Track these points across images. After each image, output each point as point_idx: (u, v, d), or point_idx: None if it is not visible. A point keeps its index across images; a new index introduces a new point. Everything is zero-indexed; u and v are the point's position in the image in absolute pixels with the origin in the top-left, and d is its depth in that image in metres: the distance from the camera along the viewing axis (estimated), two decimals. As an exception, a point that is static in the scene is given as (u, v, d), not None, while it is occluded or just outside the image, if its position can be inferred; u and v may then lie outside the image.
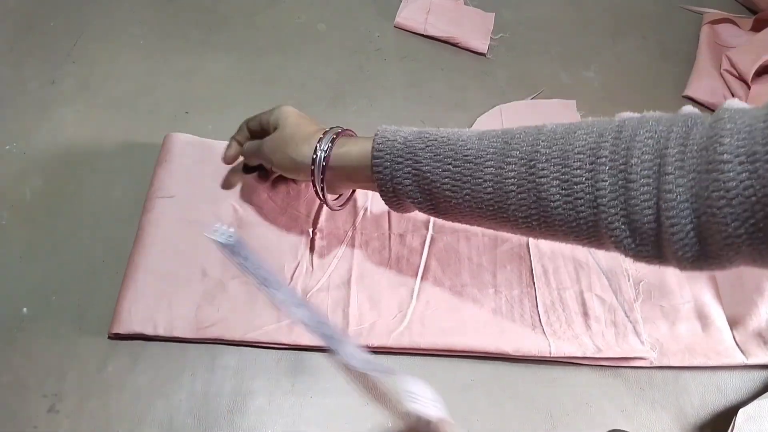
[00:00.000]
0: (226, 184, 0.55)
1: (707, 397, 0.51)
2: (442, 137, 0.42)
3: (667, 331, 0.53)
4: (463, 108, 0.66)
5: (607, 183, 0.34)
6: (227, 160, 0.53)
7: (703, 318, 0.55)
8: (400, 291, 0.52)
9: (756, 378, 0.52)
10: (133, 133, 0.58)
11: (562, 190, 0.36)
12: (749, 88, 0.72)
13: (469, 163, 0.40)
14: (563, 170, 0.36)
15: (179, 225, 0.51)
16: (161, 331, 0.46)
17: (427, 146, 0.41)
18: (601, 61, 0.75)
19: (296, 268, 0.51)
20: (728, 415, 0.50)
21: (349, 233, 0.54)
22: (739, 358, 0.52)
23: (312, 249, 0.53)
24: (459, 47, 0.73)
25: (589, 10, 0.81)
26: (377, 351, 0.49)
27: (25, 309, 0.47)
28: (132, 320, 0.46)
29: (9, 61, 0.61)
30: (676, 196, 0.32)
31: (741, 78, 0.73)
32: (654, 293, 0.56)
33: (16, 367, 0.45)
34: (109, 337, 0.46)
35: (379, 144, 0.43)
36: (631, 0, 0.83)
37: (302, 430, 0.45)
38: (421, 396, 0.43)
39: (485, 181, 0.39)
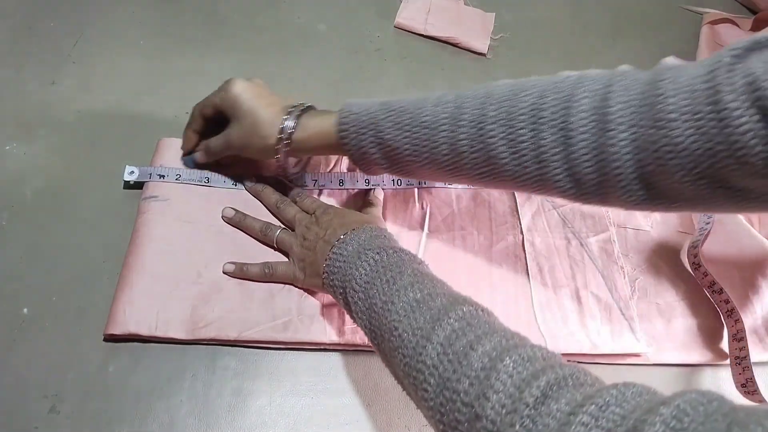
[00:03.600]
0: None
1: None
2: (401, 107, 0.45)
3: (662, 329, 0.54)
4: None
5: (549, 140, 0.38)
6: (187, 153, 0.54)
7: (698, 315, 0.55)
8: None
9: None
10: (133, 133, 0.58)
11: (509, 148, 0.40)
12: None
13: (426, 128, 0.43)
14: (509, 130, 0.39)
15: (173, 226, 0.51)
16: (156, 332, 0.46)
17: (388, 116, 0.45)
18: (601, 61, 0.75)
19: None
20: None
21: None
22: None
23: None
24: (459, 47, 0.73)
25: (589, 10, 0.81)
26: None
27: (25, 309, 0.47)
28: (127, 321, 0.46)
29: (9, 62, 0.61)
30: (620, 149, 0.36)
31: (741, 78, 0.73)
32: (650, 291, 0.56)
33: (16, 367, 0.45)
34: (105, 339, 0.46)
35: (344, 118, 0.46)
36: (631, 0, 0.83)
37: (303, 430, 0.45)
38: None
39: (441, 144, 0.43)
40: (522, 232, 0.57)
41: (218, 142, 0.51)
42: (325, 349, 0.49)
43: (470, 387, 0.31)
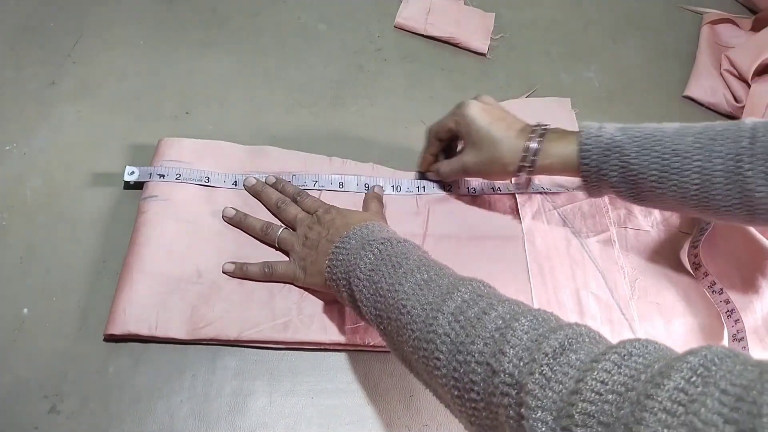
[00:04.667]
0: None
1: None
2: (646, 133, 0.46)
3: (662, 329, 0.54)
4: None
5: None
6: (422, 174, 0.58)
7: (698, 315, 0.55)
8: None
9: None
10: (133, 133, 0.58)
11: (767, 182, 0.41)
12: (749, 87, 0.72)
13: (678, 156, 0.44)
14: (766, 164, 0.41)
15: (173, 226, 0.51)
16: (156, 332, 0.46)
17: (633, 141, 0.46)
18: (601, 61, 0.75)
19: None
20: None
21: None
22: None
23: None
24: (459, 47, 0.72)
25: (589, 10, 0.81)
26: (375, 350, 0.49)
27: (25, 310, 0.47)
28: (127, 321, 0.46)
29: (9, 62, 0.61)
30: None
31: (741, 78, 0.73)
32: (650, 291, 0.56)
33: (17, 368, 0.45)
34: (105, 339, 0.46)
35: (586, 140, 0.47)
36: (631, 0, 0.83)
37: (303, 430, 0.45)
38: None
39: (692, 173, 0.44)
40: (522, 232, 0.57)
41: (453, 167, 0.53)
42: (325, 349, 0.49)
43: (485, 347, 0.31)
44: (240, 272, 0.50)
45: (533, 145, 0.48)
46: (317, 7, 0.72)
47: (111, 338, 0.46)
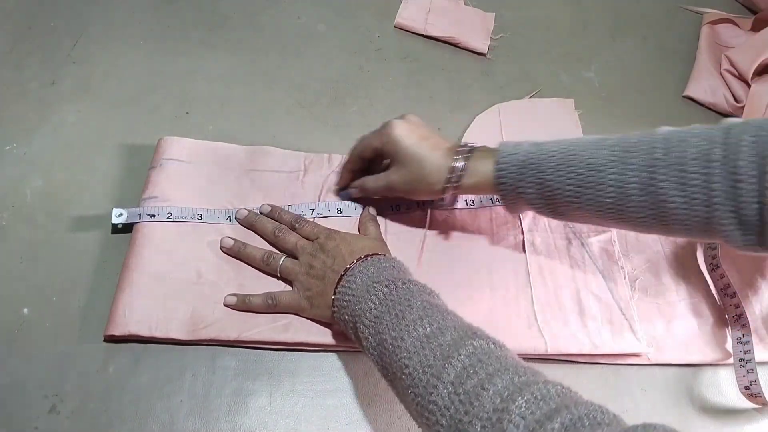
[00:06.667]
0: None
1: (709, 397, 0.51)
2: (562, 148, 0.45)
3: (663, 329, 0.54)
4: (464, 108, 0.66)
5: (719, 185, 0.39)
6: (341, 189, 0.56)
7: (699, 315, 0.55)
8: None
9: (756, 378, 0.52)
10: (133, 133, 0.58)
11: (680, 192, 0.40)
12: (749, 87, 0.72)
13: (593, 170, 0.44)
14: (681, 174, 0.40)
15: (174, 227, 0.51)
16: (156, 332, 0.46)
17: (549, 156, 0.45)
18: (601, 61, 0.75)
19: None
20: (730, 415, 0.51)
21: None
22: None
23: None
24: (459, 47, 0.72)
25: (589, 10, 0.81)
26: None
27: (25, 310, 0.47)
28: (127, 322, 0.46)
29: (9, 62, 0.61)
30: None
31: (741, 78, 0.73)
32: (650, 291, 0.56)
33: (16, 368, 0.45)
34: (105, 340, 0.46)
35: (502, 158, 0.47)
36: (631, 0, 0.83)
37: (303, 430, 0.45)
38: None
39: (607, 186, 0.43)
40: (522, 232, 0.57)
41: (379, 184, 0.52)
42: (325, 350, 0.49)
43: (483, 430, 0.31)
44: (242, 305, 0.48)
45: (459, 164, 0.48)
46: (317, 7, 0.72)
47: (111, 339, 0.46)
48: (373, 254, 0.46)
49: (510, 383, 0.32)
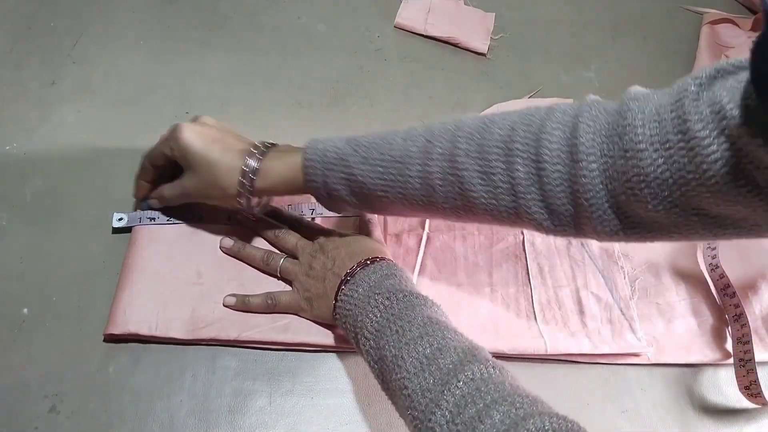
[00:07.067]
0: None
1: (709, 398, 0.51)
2: (370, 141, 0.44)
3: (663, 329, 0.54)
4: (464, 108, 0.66)
5: (522, 172, 0.38)
6: (141, 199, 0.52)
7: (699, 315, 0.55)
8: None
9: (756, 378, 0.52)
10: (133, 133, 0.58)
11: (482, 181, 0.39)
12: (749, 88, 0.72)
13: (398, 163, 0.42)
14: (482, 163, 0.39)
15: (174, 227, 0.51)
16: (156, 332, 0.46)
17: (356, 152, 0.43)
18: (601, 61, 0.75)
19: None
20: (730, 415, 0.51)
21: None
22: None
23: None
24: (459, 47, 0.72)
25: (589, 10, 0.81)
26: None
27: (25, 310, 0.47)
28: (127, 321, 0.46)
29: (9, 62, 0.61)
30: (591, 179, 0.36)
31: (741, 78, 0.73)
32: (650, 291, 0.56)
33: (16, 367, 0.45)
34: (105, 339, 0.46)
35: (309, 155, 0.44)
36: (631, 0, 0.83)
37: (303, 430, 0.45)
38: None
39: (413, 178, 0.42)
40: (522, 232, 0.57)
41: (174, 192, 0.49)
42: (325, 350, 0.49)
43: None
44: (242, 305, 0.48)
45: (251, 163, 0.44)
46: (317, 7, 0.72)
47: (111, 338, 0.46)
48: (373, 258, 0.46)
49: (506, 417, 0.32)
